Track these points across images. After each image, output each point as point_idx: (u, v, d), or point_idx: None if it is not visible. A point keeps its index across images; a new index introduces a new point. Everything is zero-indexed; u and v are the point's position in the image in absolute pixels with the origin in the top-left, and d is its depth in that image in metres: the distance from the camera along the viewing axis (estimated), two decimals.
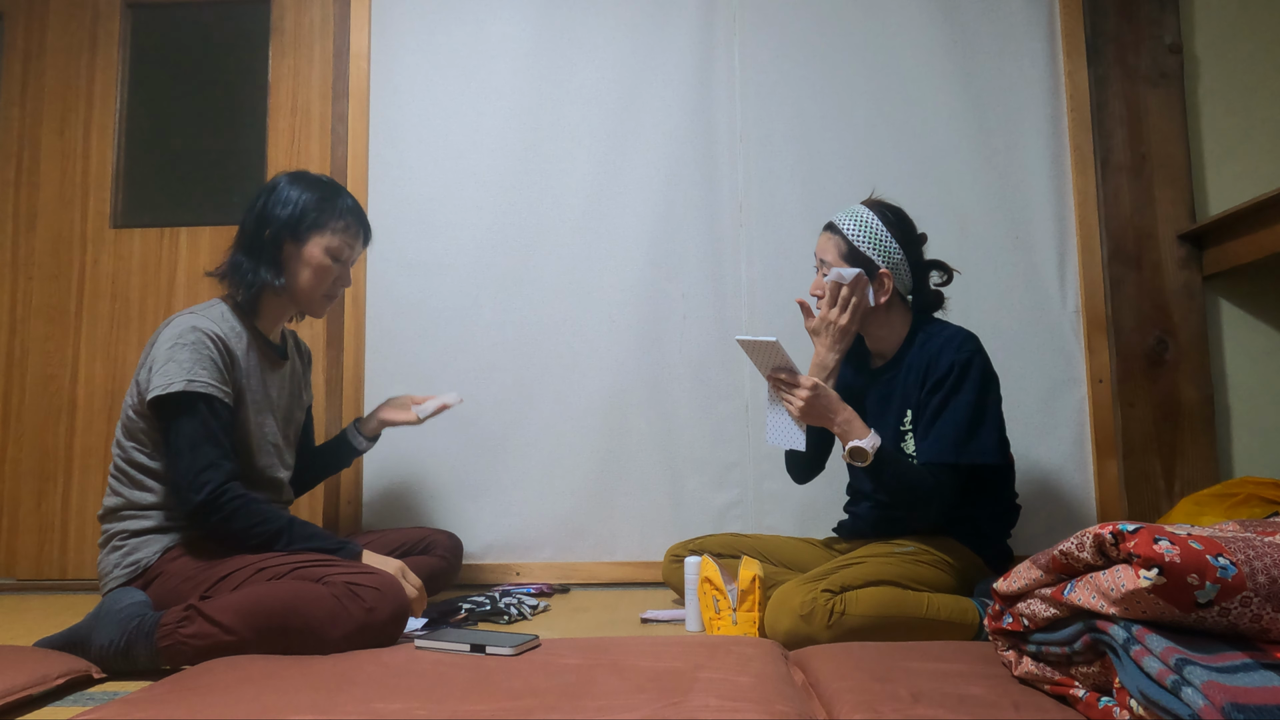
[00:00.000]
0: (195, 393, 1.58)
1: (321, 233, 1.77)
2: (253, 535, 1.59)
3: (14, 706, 1.24)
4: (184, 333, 1.63)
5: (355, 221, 1.82)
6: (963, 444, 1.65)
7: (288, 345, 1.91)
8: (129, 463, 1.66)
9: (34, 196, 2.60)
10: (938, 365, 1.71)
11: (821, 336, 1.79)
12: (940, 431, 1.67)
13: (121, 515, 1.66)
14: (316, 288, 1.80)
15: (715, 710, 1.06)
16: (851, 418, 1.65)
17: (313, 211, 1.77)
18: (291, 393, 1.90)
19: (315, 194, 1.78)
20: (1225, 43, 2.37)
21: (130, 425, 1.67)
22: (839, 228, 1.80)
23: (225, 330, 1.68)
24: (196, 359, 1.60)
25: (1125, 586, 0.93)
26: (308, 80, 2.58)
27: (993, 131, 2.40)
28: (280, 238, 1.77)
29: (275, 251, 1.77)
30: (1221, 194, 2.32)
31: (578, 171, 2.47)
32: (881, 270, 1.76)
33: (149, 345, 1.68)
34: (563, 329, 2.44)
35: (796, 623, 1.49)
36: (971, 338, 1.74)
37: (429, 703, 1.12)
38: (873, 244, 1.76)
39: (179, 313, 1.71)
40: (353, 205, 1.82)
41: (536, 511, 2.39)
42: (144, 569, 1.61)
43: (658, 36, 2.49)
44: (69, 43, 2.64)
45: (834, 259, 1.78)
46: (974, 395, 1.67)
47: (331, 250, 1.78)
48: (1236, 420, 2.28)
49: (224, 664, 1.34)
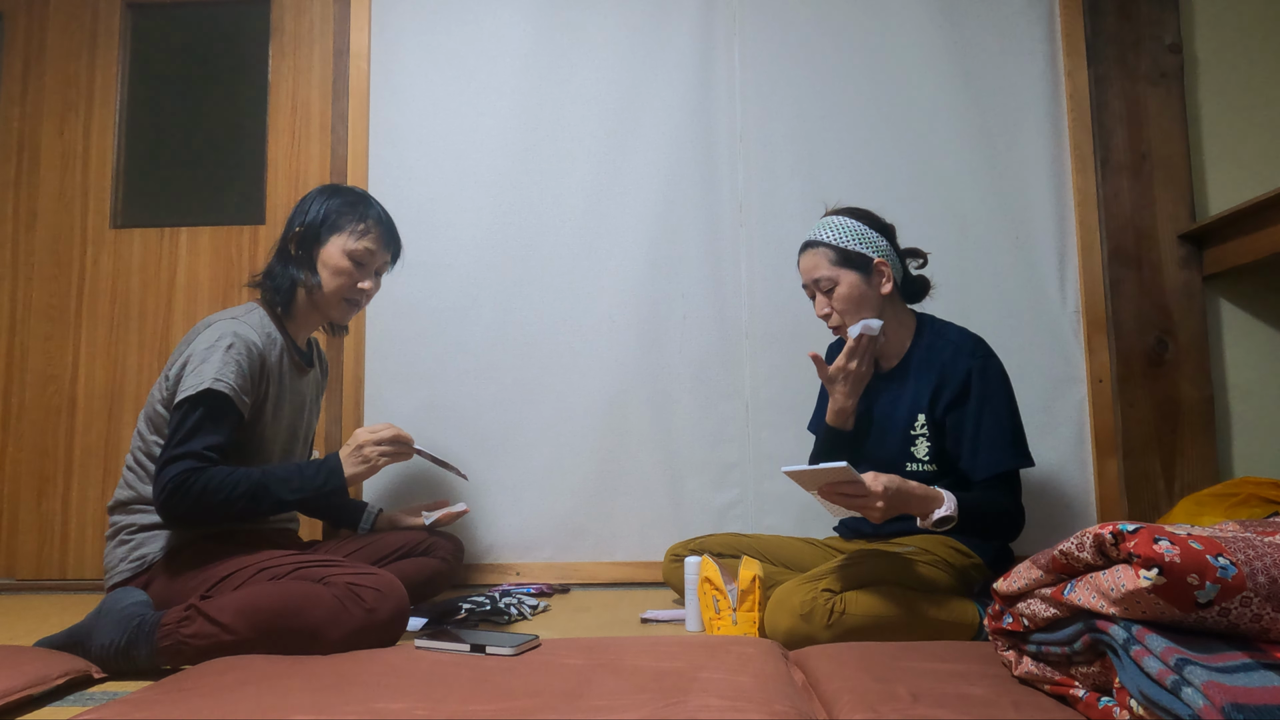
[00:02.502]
0: (215, 391, 1.59)
1: (340, 234, 1.80)
2: (235, 501, 1.55)
3: (14, 706, 1.24)
4: (223, 336, 1.64)
5: (378, 226, 1.84)
6: (1013, 447, 1.68)
7: (313, 353, 1.94)
8: (148, 456, 1.67)
9: (34, 196, 2.60)
10: (954, 373, 1.72)
11: (839, 384, 1.79)
12: (990, 442, 1.67)
13: (132, 509, 1.66)
14: (337, 290, 1.81)
15: (715, 710, 1.06)
16: (926, 494, 1.54)
17: (334, 214, 1.81)
18: (311, 400, 1.93)
19: (339, 200, 1.83)
20: (1225, 43, 2.37)
21: (156, 419, 1.68)
22: (820, 240, 1.80)
23: (262, 338, 1.71)
24: (228, 361, 1.62)
25: (1125, 586, 0.93)
26: (308, 80, 2.58)
27: (993, 132, 2.40)
28: (306, 241, 1.81)
29: (302, 254, 1.81)
30: (1221, 194, 2.32)
31: (578, 171, 2.47)
32: (877, 260, 1.77)
33: (186, 342, 1.69)
34: (563, 329, 2.44)
35: (796, 622, 1.49)
36: (981, 342, 1.77)
37: (429, 703, 1.12)
38: (858, 240, 1.77)
39: (220, 315, 1.73)
40: (377, 214, 1.85)
41: (536, 511, 2.39)
42: (149, 564, 1.61)
43: (658, 36, 2.49)
44: (69, 43, 2.65)
45: (827, 270, 1.77)
46: (1004, 400, 1.70)
47: (350, 252, 1.80)
48: (1236, 420, 2.28)
49: (224, 664, 1.34)
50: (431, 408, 2.43)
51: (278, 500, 1.61)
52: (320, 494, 1.65)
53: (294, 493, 1.62)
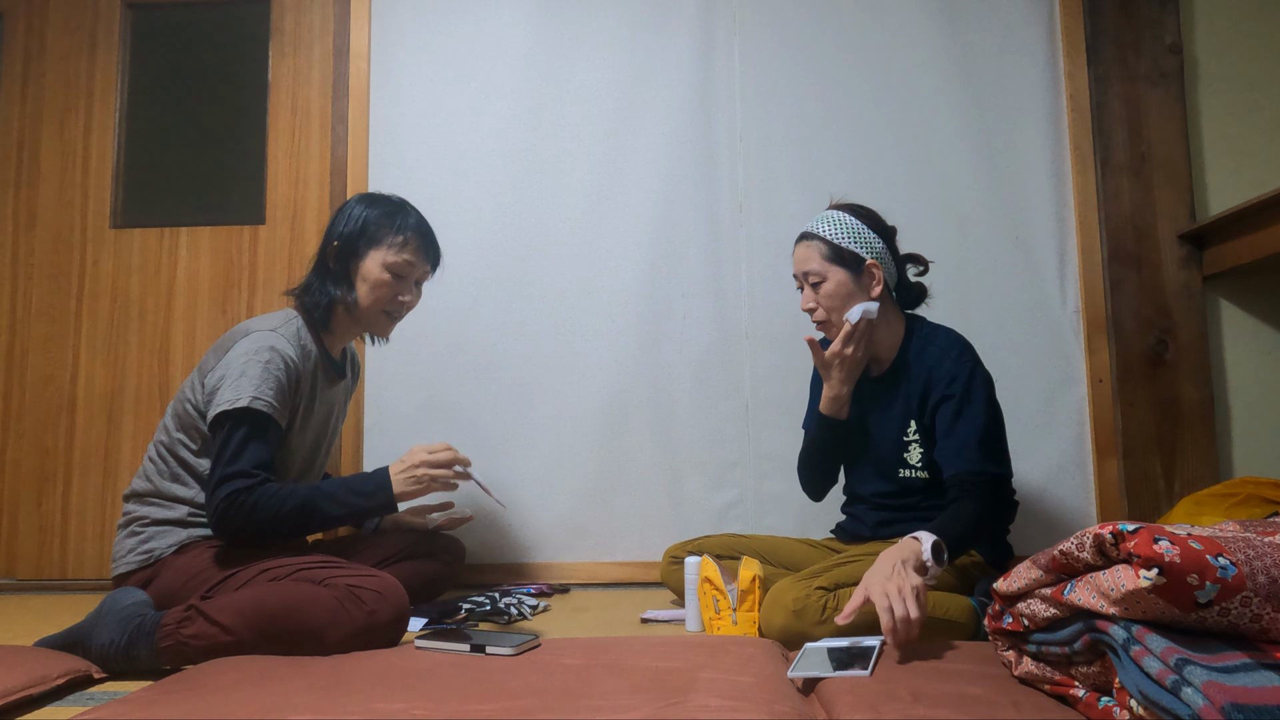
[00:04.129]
0: (256, 410, 1.58)
1: (378, 248, 1.77)
2: (285, 519, 1.56)
3: (14, 706, 1.24)
4: (261, 350, 1.63)
5: (417, 238, 1.80)
6: (985, 451, 1.65)
7: (345, 363, 1.92)
8: (170, 452, 1.68)
9: (34, 196, 2.60)
10: (938, 376, 1.72)
11: (835, 370, 1.78)
12: (962, 442, 1.66)
13: (147, 501, 1.67)
14: (375, 304, 1.78)
15: (715, 710, 1.06)
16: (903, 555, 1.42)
17: (371, 226, 1.78)
18: (339, 407, 1.92)
19: (377, 210, 1.79)
20: (1225, 43, 2.37)
21: (185, 418, 1.67)
22: (815, 233, 1.79)
23: (297, 352, 1.69)
24: (266, 378, 1.60)
25: (1125, 586, 0.93)
26: (308, 80, 2.58)
27: (993, 131, 2.40)
28: (343, 254, 1.78)
29: (340, 268, 1.78)
30: (1221, 194, 2.32)
31: (578, 171, 2.47)
32: (869, 262, 1.76)
33: (222, 348, 1.68)
34: (563, 329, 2.44)
35: (789, 619, 1.49)
36: (968, 347, 1.76)
37: (429, 703, 1.12)
38: (854, 238, 1.76)
39: (259, 325, 1.70)
40: (415, 224, 1.81)
41: (536, 511, 2.39)
42: (155, 560, 1.61)
43: (658, 36, 2.49)
44: (69, 42, 2.65)
45: (818, 264, 1.77)
46: (983, 405, 1.68)
47: (390, 266, 1.77)
48: (1236, 420, 2.28)
49: (224, 664, 1.34)
50: (431, 408, 2.43)
51: (325, 517, 1.60)
52: (368, 514, 1.64)
53: (341, 508, 1.61)
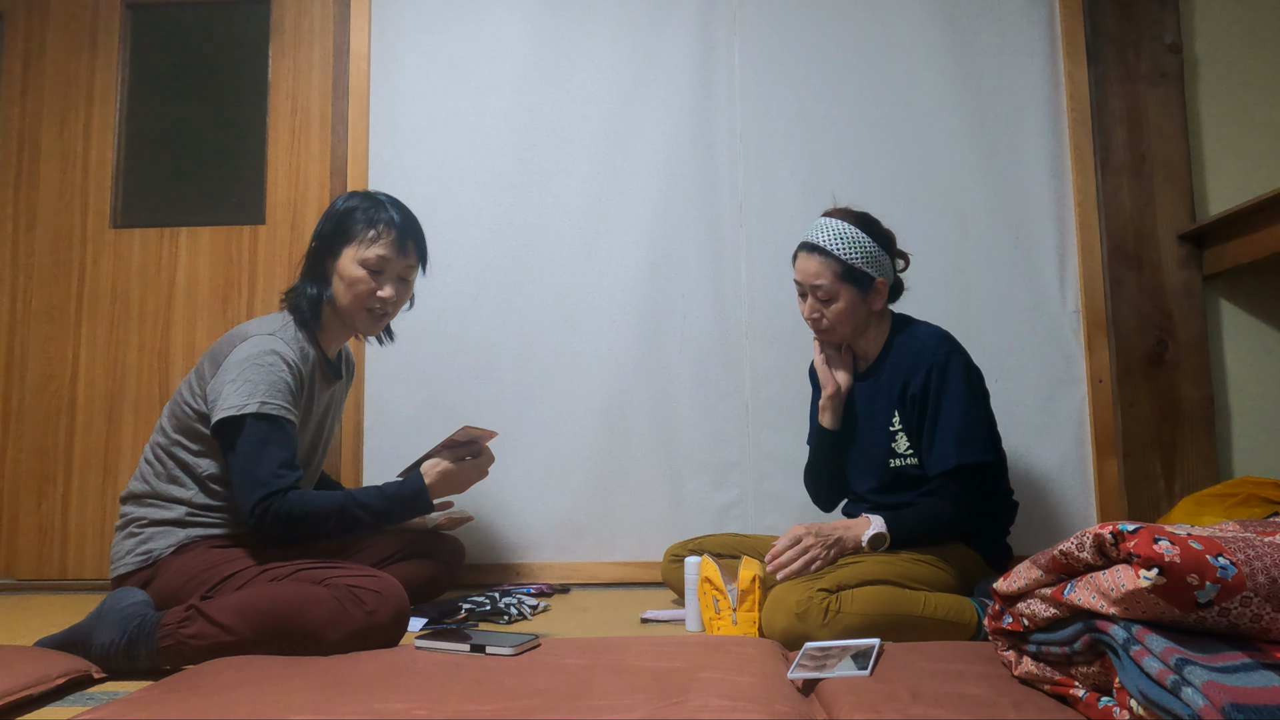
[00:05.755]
0: (266, 414, 1.58)
1: (351, 244, 1.74)
2: (326, 525, 1.57)
3: (14, 706, 1.24)
4: (262, 354, 1.62)
5: (390, 231, 1.74)
6: (962, 445, 1.67)
7: (341, 363, 1.91)
8: (168, 454, 1.67)
9: (34, 196, 2.60)
10: (916, 370, 1.74)
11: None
12: (940, 438, 1.69)
13: (144, 502, 1.66)
14: (355, 301, 1.75)
15: (715, 710, 1.06)
16: (847, 525, 1.66)
17: (346, 223, 1.75)
18: (335, 407, 1.92)
19: (353, 205, 1.77)
20: (1225, 43, 2.37)
21: (184, 420, 1.67)
22: (824, 248, 1.78)
23: (297, 354, 1.68)
24: (271, 382, 1.60)
25: (1125, 586, 0.93)
26: (308, 80, 2.58)
27: (993, 131, 2.40)
28: (321, 253, 1.77)
29: (320, 267, 1.77)
30: (1221, 194, 2.32)
31: (578, 171, 2.47)
32: (879, 280, 1.78)
33: (220, 352, 1.67)
34: (563, 329, 2.44)
35: (792, 621, 1.49)
36: (947, 338, 1.77)
37: (429, 703, 1.12)
38: (865, 258, 1.77)
39: (257, 329, 1.68)
40: (389, 217, 1.75)
41: (536, 511, 2.39)
42: (154, 561, 1.61)
43: (658, 36, 2.49)
44: (69, 43, 2.64)
45: (829, 282, 1.77)
46: (960, 396, 1.70)
47: (364, 261, 1.73)
48: (1236, 420, 2.28)
49: (224, 664, 1.34)
50: (431, 408, 2.43)
51: (362, 525, 1.60)
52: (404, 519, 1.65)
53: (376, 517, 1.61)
